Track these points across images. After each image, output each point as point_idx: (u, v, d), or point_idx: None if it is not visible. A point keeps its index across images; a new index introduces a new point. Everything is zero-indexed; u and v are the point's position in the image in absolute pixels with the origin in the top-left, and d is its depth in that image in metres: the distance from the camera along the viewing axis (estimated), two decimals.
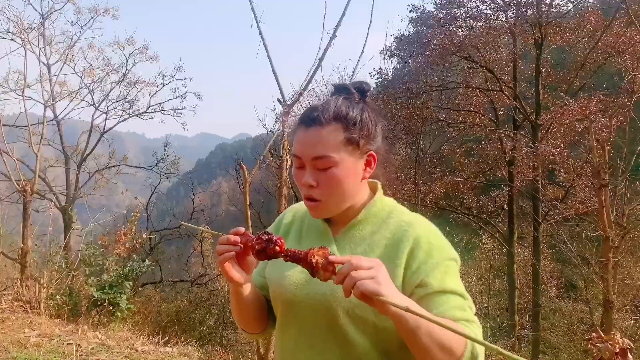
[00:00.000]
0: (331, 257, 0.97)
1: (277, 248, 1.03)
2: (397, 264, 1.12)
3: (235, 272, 1.10)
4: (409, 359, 1.14)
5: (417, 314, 0.92)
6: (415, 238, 1.14)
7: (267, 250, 1.03)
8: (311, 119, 1.15)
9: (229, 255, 1.08)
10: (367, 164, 1.19)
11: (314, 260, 0.97)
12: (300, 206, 1.36)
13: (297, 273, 1.20)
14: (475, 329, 1.08)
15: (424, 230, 1.17)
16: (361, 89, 1.21)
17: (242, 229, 1.09)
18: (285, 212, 1.39)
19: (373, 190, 1.27)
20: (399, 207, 1.25)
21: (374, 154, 1.19)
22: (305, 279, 1.18)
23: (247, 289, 1.19)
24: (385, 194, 1.28)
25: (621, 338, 2.52)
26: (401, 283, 1.11)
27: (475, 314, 1.13)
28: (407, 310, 0.91)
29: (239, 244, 1.07)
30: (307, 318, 1.17)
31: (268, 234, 1.05)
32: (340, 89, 1.22)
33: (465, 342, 1.02)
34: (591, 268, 10.02)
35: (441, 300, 1.08)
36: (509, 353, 0.81)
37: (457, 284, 1.12)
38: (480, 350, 1.04)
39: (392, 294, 0.94)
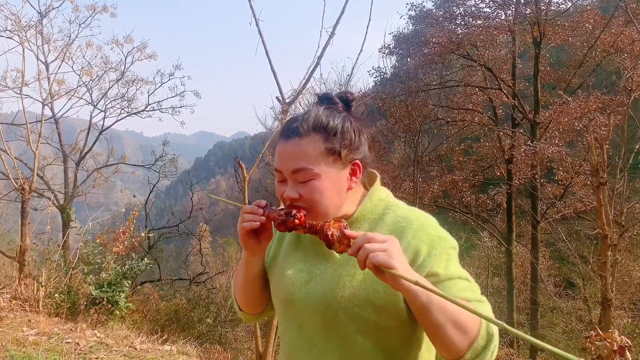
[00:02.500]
0: (347, 231, 1.00)
1: (297, 221, 1.07)
2: None
3: (252, 242, 1.16)
4: (411, 356, 1.15)
5: (426, 288, 0.92)
6: (415, 234, 1.13)
7: (287, 223, 1.08)
8: (290, 130, 1.12)
9: (254, 225, 1.12)
10: (353, 173, 1.16)
11: (329, 233, 1.01)
12: None
13: (297, 272, 1.19)
14: (487, 308, 1.09)
15: (422, 224, 1.15)
16: (345, 99, 1.18)
17: (264, 202, 1.15)
18: None
19: (371, 182, 1.24)
20: (394, 201, 1.23)
21: (359, 163, 1.16)
22: (305, 279, 1.17)
23: (258, 260, 1.22)
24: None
25: (619, 336, 2.53)
26: None
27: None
28: (416, 283, 0.91)
29: (264, 215, 1.13)
30: (306, 317, 1.17)
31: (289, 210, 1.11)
32: (323, 99, 1.19)
33: (480, 321, 1.02)
34: (589, 266, 10.05)
35: (450, 285, 1.08)
36: (516, 331, 0.82)
37: (460, 269, 1.14)
38: (495, 329, 1.04)
39: (404, 268, 0.94)
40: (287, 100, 4.63)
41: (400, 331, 1.13)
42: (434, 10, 16.42)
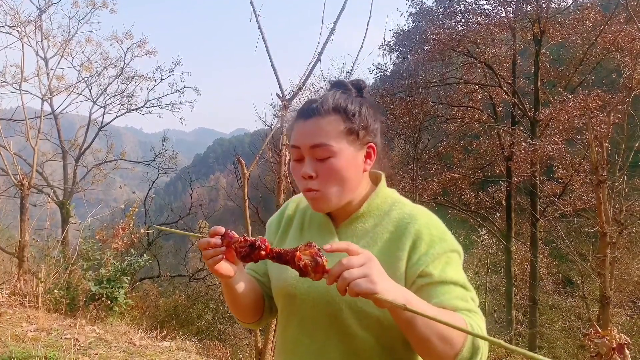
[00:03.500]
0: (319, 259, 0.95)
1: (263, 253, 1.01)
2: (399, 257, 1.11)
3: (224, 268, 1.09)
4: (414, 357, 1.13)
5: (415, 312, 0.90)
6: (417, 230, 1.12)
7: (252, 255, 1.01)
8: (310, 110, 1.14)
9: (218, 260, 1.06)
10: (367, 156, 1.18)
11: (302, 264, 0.95)
12: (302, 197, 1.34)
13: None
14: (478, 320, 1.05)
15: (426, 223, 1.15)
16: (358, 86, 1.21)
17: (222, 229, 1.06)
18: (288, 203, 1.37)
19: (375, 182, 1.25)
20: (401, 199, 1.23)
21: (373, 146, 1.19)
22: None
23: (238, 279, 1.16)
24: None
25: (618, 334, 2.53)
26: (403, 275, 1.09)
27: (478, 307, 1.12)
28: (405, 308, 0.89)
29: (223, 246, 1.05)
30: (308, 312, 1.16)
31: (248, 239, 1.03)
32: (337, 85, 1.22)
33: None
34: (588, 264, 10.05)
35: (442, 290, 1.06)
36: (511, 346, 0.81)
37: (459, 275, 1.11)
38: (483, 342, 1.02)
39: (388, 289, 0.91)
40: (287, 97, 4.62)
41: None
42: (434, 8, 16.38)
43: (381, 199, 1.21)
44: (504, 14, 15.05)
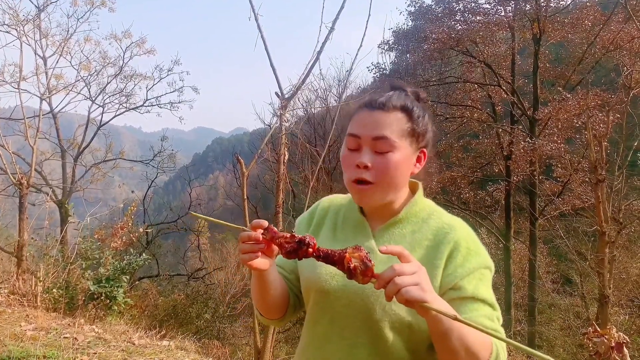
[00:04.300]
0: (370, 263, 0.95)
1: (310, 250, 0.99)
2: (436, 265, 1.11)
3: (258, 262, 1.07)
4: None
5: (465, 323, 0.91)
6: (456, 241, 1.14)
7: (298, 252, 1.00)
8: (378, 102, 1.16)
9: (254, 257, 1.05)
10: (418, 159, 1.21)
11: (351, 266, 0.94)
12: (335, 198, 1.35)
13: None
14: (502, 342, 1.06)
15: (464, 235, 1.16)
16: (417, 94, 1.25)
17: (265, 223, 1.05)
18: (320, 202, 1.36)
19: (413, 191, 1.26)
20: (439, 208, 1.25)
21: (425, 151, 1.21)
22: None
23: (271, 273, 1.16)
24: None
25: (617, 332, 2.54)
26: (439, 285, 1.10)
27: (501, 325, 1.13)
28: (455, 318, 0.90)
29: (262, 242, 1.04)
30: (341, 309, 1.15)
31: (295, 235, 1.02)
32: (398, 87, 1.24)
33: (490, 348, 1.02)
34: (587, 263, 10.07)
35: (473, 306, 1.08)
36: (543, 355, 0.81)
37: (489, 293, 1.12)
38: (504, 358, 1.05)
39: (434, 299, 0.93)
40: (287, 96, 4.62)
41: (429, 335, 1.10)
42: (433, 6, 16.37)
43: (419, 206, 1.23)
44: (503, 13, 15.05)
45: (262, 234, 1.04)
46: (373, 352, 1.13)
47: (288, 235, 1.02)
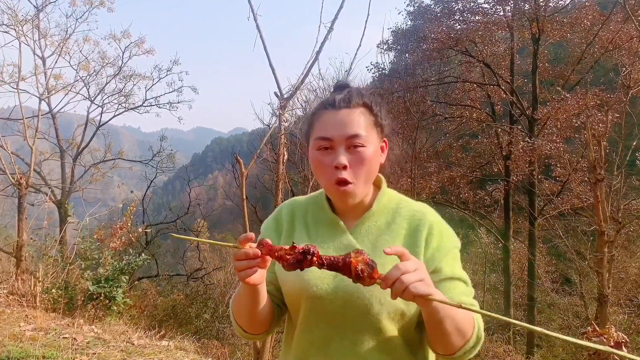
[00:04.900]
0: (373, 264, 0.97)
1: (315, 259, 0.99)
2: (417, 252, 1.17)
3: (254, 277, 1.06)
4: (422, 345, 1.23)
5: (469, 309, 0.99)
6: (430, 226, 1.20)
7: (303, 263, 0.99)
8: (341, 101, 1.19)
9: (252, 272, 1.04)
10: (381, 149, 1.25)
11: (359, 269, 0.96)
12: (295, 201, 1.35)
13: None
14: (478, 315, 1.15)
15: (436, 219, 1.23)
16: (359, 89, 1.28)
17: (252, 235, 1.05)
18: (280, 209, 1.35)
19: (377, 184, 1.29)
20: (404, 197, 1.30)
21: (386, 140, 1.26)
22: (330, 273, 1.14)
23: (263, 286, 1.15)
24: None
25: (616, 332, 2.54)
26: None
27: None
28: (460, 306, 0.96)
29: (259, 257, 1.03)
30: (337, 311, 1.16)
31: (297, 246, 1.01)
32: (342, 86, 1.27)
33: (473, 324, 1.11)
34: (586, 262, 10.07)
35: (451, 285, 1.16)
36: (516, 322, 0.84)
37: (462, 271, 1.21)
38: (482, 333, 1.15)
39: (436, 292, 0.98)
40: (286, 96, 4.61)
41: (418, 318, 1.18)
42: (432, 6, 16.37)
43: (387, 197, 1.27)
44: (502, 13, 15.06)
45: (259, 248, 1.03)
46: (375, 345, 1.17)
47: (287, 247, 1.01)
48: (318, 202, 1.29)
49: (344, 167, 1.14)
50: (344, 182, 1.15)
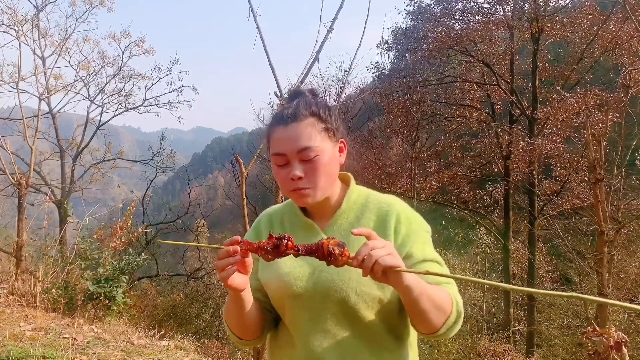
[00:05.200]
0: (344, 245, 1.04)
1: (290, 243, 1.06)
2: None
3: (237, 282, 1.13)
4: (405, 330, 1.29)
5: (437, 274, 1.08)
6: (397, 215, 1.27)
7: (279, 248, 1.06)
8: (288, 116, 1.24)
9: (232, 271, 1.10)
10: (340, 150, 1.31)
11: (330, 249, 1.02)
12: (271, 210, 1.44)
13: (297, 267, 1.26)
14: (455, 289, 1.22)
15: (402, 208, 1.30)
16: (313, 93, 1.34)
17: (238, 237, 1.10)
18: (259, 220, 1.43)
19: (346, 182, 1.36)
20: (372, 191, 1.36)
21: (344, 141, 1.31)
22: (308, 272, 1.25)
23: (247, 292, 1.21)
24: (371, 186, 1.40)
25: (616, 332, 2.54)
26: None
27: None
28: (427, 273, 1.03)
29: (239, 253, 1.08)
30: (317, 306, 1.23)
31: (272, 235, 1.08)
32: (296, 94, 1.33)
33: (452, 301, 1.17)
34: (586, 262, 10.08)
35: (424, 267, 1.20)
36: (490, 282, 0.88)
37: (434, 252, 1.27)
38: (462, 309, 1.20)
39: (404, 266, 1.04)
40: (285, 96, 4.61)
41: (398, 304, 1.23)
42: (432, 6, 16.36)
43: (356, 194, 1.34)
44: (502, 13, 15.04)
45: (239, 245, 1.08)
46: (356, 334, 1.23)
47: (270, 236, 1.08)
48: (292, 208, 1.36)
49: (299, 178, 1.21)
50: (301, 189, 1.23)
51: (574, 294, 0.79)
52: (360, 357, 1.22)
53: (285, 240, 1.06)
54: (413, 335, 1.31)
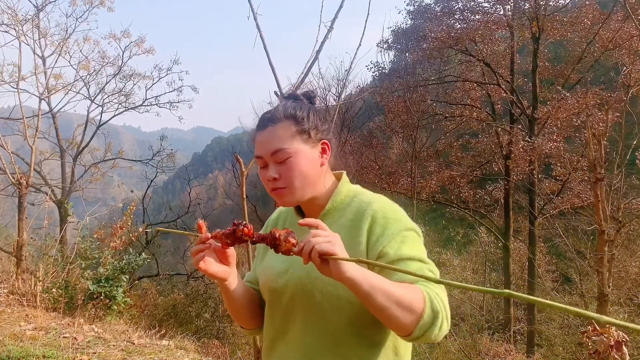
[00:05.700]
0: (291, 233, 1.07)
1: (246, 230, 1.11)
2: (359, 242, 1.22)
3: (215, 268, 1.19)
4: (382, 336, 1.23)
5: (368, 262, 1.03)
6: (373, 215, 1.24)
7: (235, 233, 1.12)
8: (265, 120, 1.29)
9: (201, 256, 1.17)
10: (323, 151, 1.31)
11: (276, 235, 1.06)
12: (280, 209, 1.50)
13: (278, 264, 1.31)
14: (434, 288, 1.11)
15: (381, 207, 1.26)
16: (308, 96, 1.38)
17: (200, 222, 1.21)
18: (270, 217, 1.52)
19: (339, 179, 1.37)
20: (363, 190, 1.35)
21: (327, 142, 1.32)
22: (284, 268, 1.28)
23: (233, 282, 1.27)
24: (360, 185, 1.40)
25: (616, 331, 2.53)
26: (365, 258, 1.19)
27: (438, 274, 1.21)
28: (358, 261, 0.99)
29: (208, 241, 1.17)
30: (288, 303, 1.27)
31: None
32: (289, 97, 1.38)
33: (424, 299, 1.07)
34: (586, 262, 10.08)
35: (399, 265, 1.15)
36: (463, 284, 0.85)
37: (415, 250, 1.20)
38: (441, 307, 1.09)
39: (344, 255, 1.02)
40: (285, 95, 4.61)
41: None
42: (432, 5, 16.37)
43: (344, 193, 1.33)
44: (502, 12, 15.03)
45: (212, 236, 1.17)
46: (322, 334, 1.22)
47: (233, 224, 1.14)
48: (290, 208, 1.42)
49: (275, 179, 1.26)
50: (277, 189, 1.27)
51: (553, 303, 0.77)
52: None
53: (242, 227, 1.11)
54: (400, 343, 1.24)
